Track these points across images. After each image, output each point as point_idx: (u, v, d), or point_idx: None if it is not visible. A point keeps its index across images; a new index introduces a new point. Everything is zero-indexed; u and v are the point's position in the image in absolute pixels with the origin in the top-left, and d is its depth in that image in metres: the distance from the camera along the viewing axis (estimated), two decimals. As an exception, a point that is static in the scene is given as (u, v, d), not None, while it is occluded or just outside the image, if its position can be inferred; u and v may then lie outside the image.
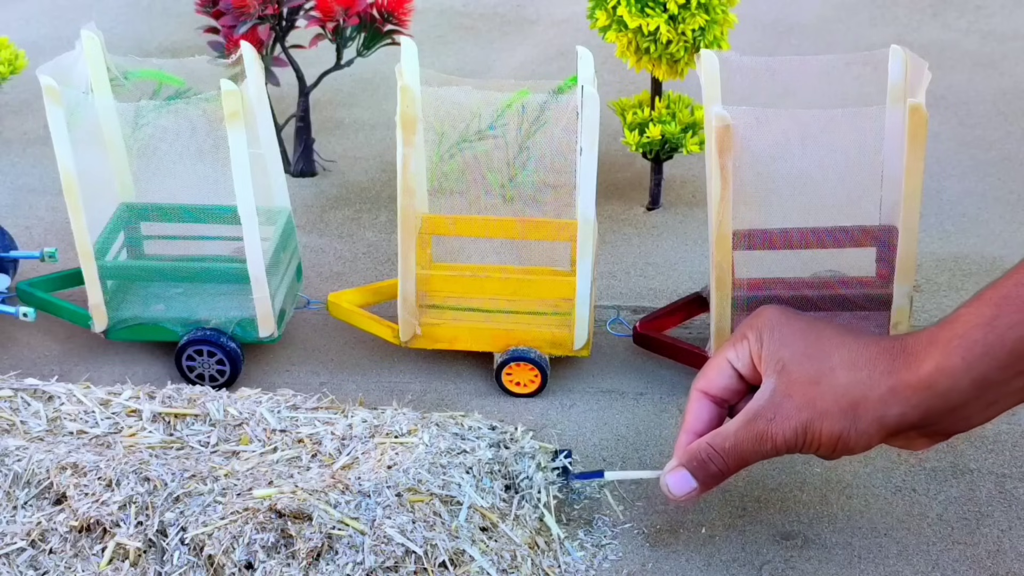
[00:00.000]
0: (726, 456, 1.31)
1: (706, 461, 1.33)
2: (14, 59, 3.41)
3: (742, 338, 1.33)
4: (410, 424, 2.15)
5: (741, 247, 2.36)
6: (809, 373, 1.25)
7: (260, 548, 1.83)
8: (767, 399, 1.27)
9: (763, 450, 1.30)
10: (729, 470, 1.34)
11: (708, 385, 1.37)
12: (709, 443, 1.34)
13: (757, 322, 1.31)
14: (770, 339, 1.29)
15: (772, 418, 1.26)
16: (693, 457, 1.35)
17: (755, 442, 1.29)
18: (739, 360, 1.32)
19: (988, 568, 2.08)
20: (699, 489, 1.37)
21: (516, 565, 1.90)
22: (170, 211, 2.55)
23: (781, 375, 1.26)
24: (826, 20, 4.41)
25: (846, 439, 1.25)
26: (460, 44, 4.30)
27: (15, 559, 1.87)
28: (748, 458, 1.33)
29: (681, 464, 1.36)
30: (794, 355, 1.26)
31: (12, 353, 2.60)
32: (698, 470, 1.34)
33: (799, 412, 1.24)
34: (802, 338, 1.29)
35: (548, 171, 2.46)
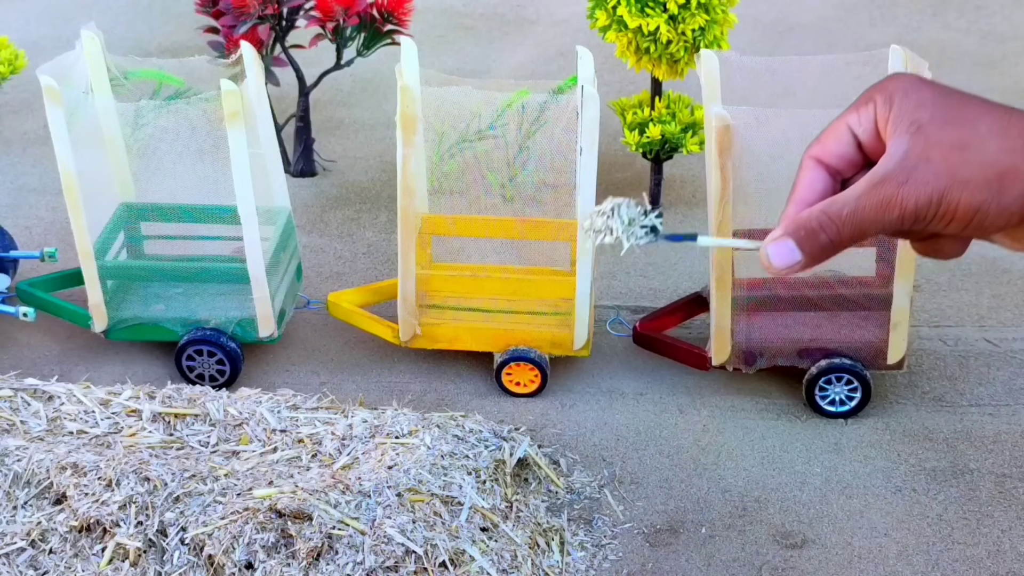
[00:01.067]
0: (842, 224, 1.13)
1: (816, 230, 1.14)
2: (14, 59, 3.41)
3: (867, 101, 1.16)
4: (411, 425, 2.15)
5: (741, 247, 2.36)
6: (952, 138, 1.12)
7: (260, 548, 1.83)
8: (898, 161, 1.12)
9: (887, 219, 1.11)
10: (842, 241, 1.14)
11: (823, 152, 1.20)
12: (823, 210, 1.16)
13: (887, 85, 1.15)
14: (903, 101, 1.13)
15: (904, 182, 1.10)
16: (801, 226, 1.16)
17: (879, 209, 1.11)
18: (861, 125, 1.16)
19: (988, 568, 2.08)
20: (803, 262, 1.16)
21: (516, 565, 1.90)
22: (170, 211, 2.55)
23: (917, 136, 1.11)
24: (826, 20, 4.41)
25: (984, 213, 1.10)
26: (460, 44, 4.30)
27: (15, 559, 1.87)
28: (867, 228, 1.14)
29: (787, 233, 1.17)
30: (934, 118, 1.12)
31: (12, 353, 2.60)
32: (806, 240, 1.15)
33: (937, 178, 1.10)
34: (943, 101, 1.14)
35: (548, 171, 2.46)
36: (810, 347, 2.42)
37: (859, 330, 2.43)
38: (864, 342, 2.41)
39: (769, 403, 2.47)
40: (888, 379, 2.52)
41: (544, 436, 2.35)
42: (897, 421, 2.42)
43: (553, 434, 2.36)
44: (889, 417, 2.43)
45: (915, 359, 2.58)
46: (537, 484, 2.16)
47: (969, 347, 2.64)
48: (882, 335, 2.39)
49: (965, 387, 2.52)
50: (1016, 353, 2.62)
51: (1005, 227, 1.16)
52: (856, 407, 2.41)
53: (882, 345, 2.39)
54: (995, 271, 2.92)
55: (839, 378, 2.39)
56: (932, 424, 2.41)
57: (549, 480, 2.18)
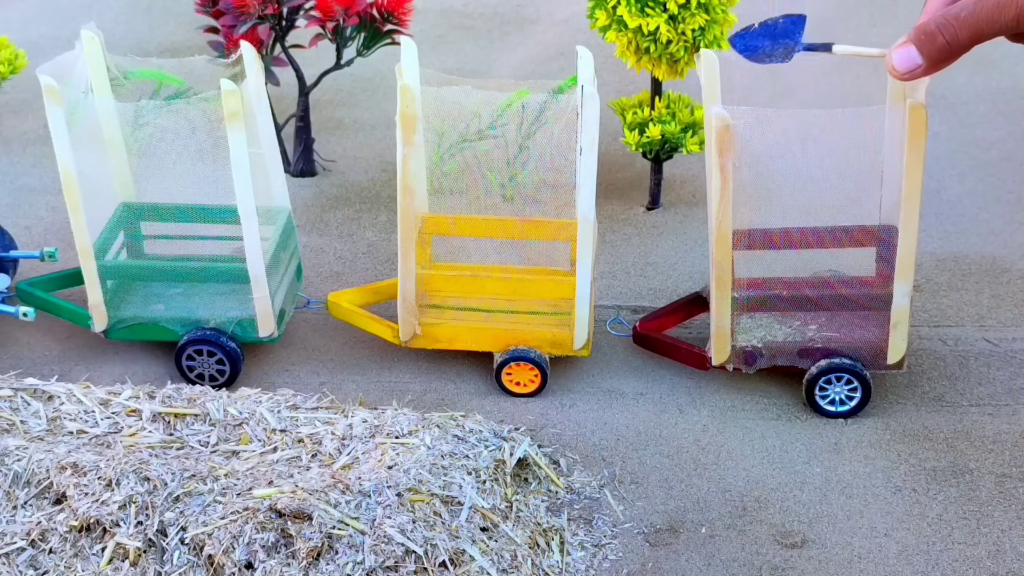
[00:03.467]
0: (959, 26, 1.14)
1: (935, 32, 1.16)
2: (14, 59, 3.41)
3: None
4: (411, 425, 2.15)
5: (741, 247, 2.36)
6: None
7: (260, 548, 1.83)
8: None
9: (1003, 19, 1.12)
10: (959, 43, 1.15)
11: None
12: (943, 14, 1.17)
13: None
14: None
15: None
16: (922, 30, 1.17)
17: (995, 9, 1.12)
18: None
19: (988, 568, 2.08)
20: (924, 66, 1.17)
21: (516, 565, 1.90)
22: (170, 211, 2.55)
23: None
24: (826, 20, 4.40)
25: None
26: (460, 44, 4.30)
27: (15, 559, 1.87)
28: (983, 28, 1.15)
29: (908, 39, 1.19)
30: None
31: (12, 353, 2.60)
32: (925, 43, 1.16)
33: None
34: None
35: (548, 171, 2.47)
36: (810, 347, 2.42)
37: (859, 330, 2.43)
38: (864, 342, 2.41)
39: (769, 403, 2.47)
40: (888, 379, 2.52)
41: (544, 436, 2.35)
42: (897, 421, 2.42)
43: (553, 434, 2.36)
44: (889, 417, 2.43)
45: (915, 359, 2.58)
46: (537, 484, 2.16)
47: (969, 347, 2.64)
48: (882, 335, 2.39)
49: (965, 387, 2.52)
50: (1016, 353, 2.62)
51: None
52: (856, 407, 2.41)
53: (882, 345, 2.39)
54: (995, 271, 2.92)
55: (839, 378, 2.39)
56: (932, 424, 2.41)
57: (549, 480, 2.18)
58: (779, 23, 1.29)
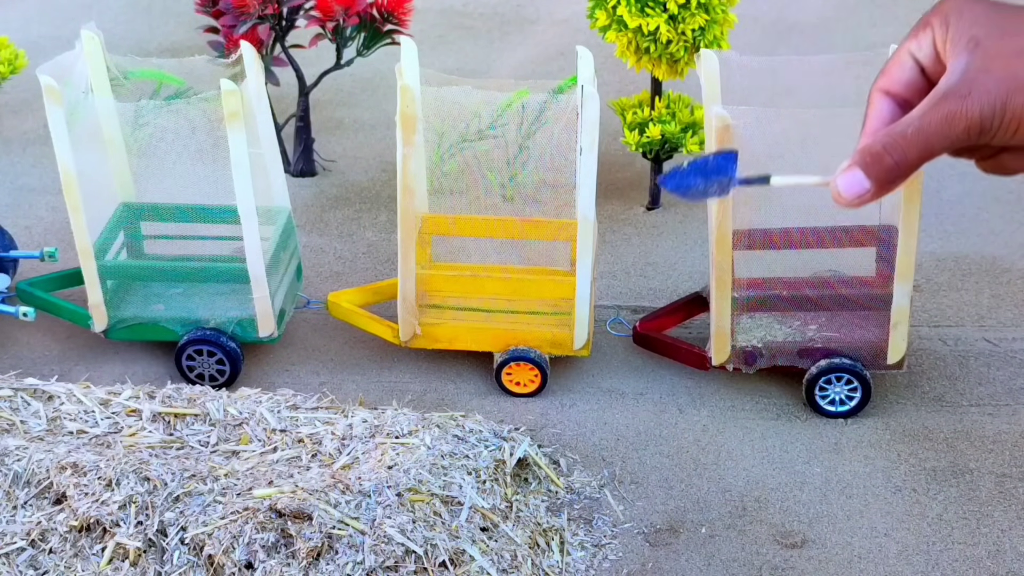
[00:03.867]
0: (907, 145, 1.10)
1: (882, 154, 1.11)
2: (14, 59, 3.41)
3: (925, 26, 1.15)
4: (411, 425, 2.15)
5: (741, 247, 2.36)
6: (1009, 46, 1.10)
7: (260, 548, 1.82)
8: (959, 76, 1.10)
9: (953, 133, 1.09)
10: (909, 162, 1.11)
11: (888, 82, 1.18)
12: (887, 133, 1.13)
13: (941, 7, 1.14)
14: (959, 20, 1.12)
15: (967, 94, 1.08)
16: (867, 152, 1.12)
17: (944, 123, 1.08)
18: (921, 51, 1.14)
19: (988, 568, 2.08)
20: (872, 190, 1.12)
21: (516, 565, 1.90)
22: (170, 211, 2.55)
23: (975, 51, 1.10)
24: (826, 20, 4.41)
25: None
26: (460, 44, 4.30)
27: (15, 559, 1.87)
28: (932, 145, 1.11)
29: (853, 163, 1.14)
30: (990, 31, 1.11)
31: (12, 353, 2.60)
32: (872, 166, 1.12)
33: (998, 86, 1.08)
34: (998, 15, 1.13)
35: (548, 171, 2.46)
36: (810, 347, 2.42)
37: (859, 330, 2.43)
38: (864, 342, 2.41)
39: (769, 403, 2.46)
40: (888, 379, 2.52)
41: (544, 436, 2.35)
42: (897, 421, 2.42)
43: (553, 434, 2.36)
44: (889, 417, 2.43)
45: (915, 359, 2.58)
46: (537, 484, 2.16)
47: (969, 347, 2.64)
48: (882, 335, 2.39)
49: (965, 387, 2.52)
50: (1016, 353, 2.62)
51: None
52: (856, 407, 2.41)
53: (882, 345, 2.39)
54: (995, 271, 2.92)
55: (839, 378, 2.39)
56: (932, 424, 2.41)
57: (549, 480, 2.18)
58: (710, 160, 1.26)
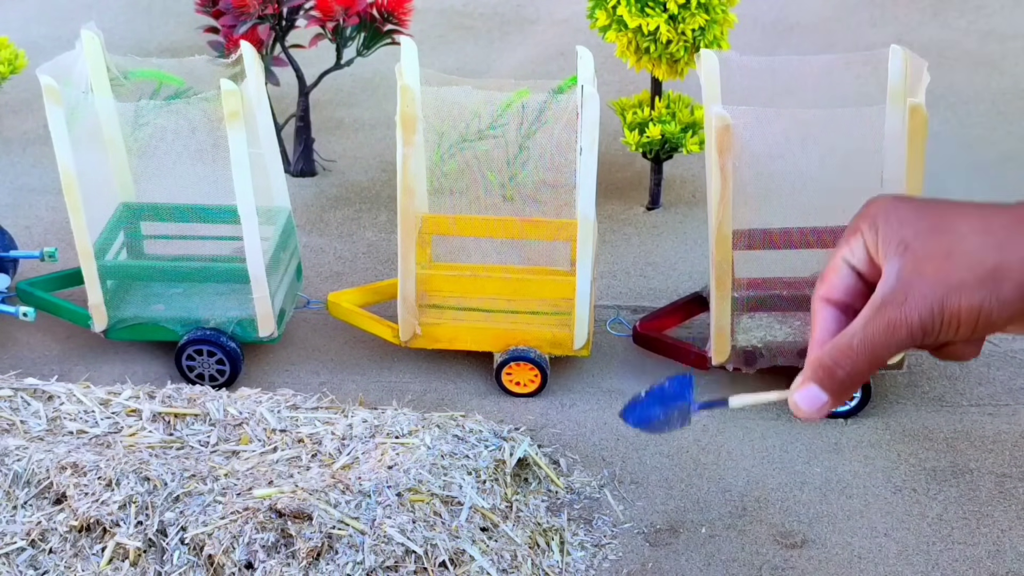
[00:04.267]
0: (855, 356, 1.15)
1: (833, 367, 1.17)
2: (14, 59, 3.41)
3: (854, 232, 1.19)
4: (411, 425, 2.15)
5: (741, 247, 2.36)
6: (937, 247, 1.13)
7: (260, 548, 1.82)
8: (894, 282, 1.14)
9: (897, 340, 1.13)
10: (860, 372, 1.16)
11: (828, 291, 1.22)
12: (834, 345, 1.19)
13: (868, 211, 1.18)
14: (886, 224, 1.16)
15: (903, 301, 1.12)
16: (819, 366, 1.18)
17: (887, 333, 1.13)
18: (855, 256, 1.18)
19: (988, 568, 2.08)
20: (831, 401, 1.19)
21: (516, 565, 1.90)
22: (170, 211, 2.55)
23: (906, 255, 1.13)
24: (826, 20, 4.40)
25: (988, 311, 1.12)
26: (460, 44, 4.30)
27: (15, 559, 1.87)
28: (880, 353, 1.16)
29: (808, 378, 1.20)
30: (917, 232, 1.14)
31: (12, 353, 2.60)
32: (825, 379, 1.18)
33: (933, 290, 1.11)
34: (923, 215, 1.16)
35: (548, 170, 2.46)
36: (810, 347, 2.42)
37: (859, 330, 2.43)
38: (864, 342, 2.41)
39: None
40: (888, 379, 2.52)
41: (544, 436, 2.35)
42: (897, 421, 2.42)
43: (553, 434, 2.36)
44: (889, 417, 2.43)
45: (915, 359, 2.58)
46: (537, 484, 2.16)
47: (969, 347, 2.63)
48: (882, 335, 2.38)
49: (965, 387, 2.52)
50: (1016, 353, 2.62)
51: (1011, 319, 1.18)
52: (856, 407, 2.41)
53: (882, 345, 2.39)
54: (995, 271, 2.92)
55: (839, 378, 2.39)
56: (932, 424, 2.41)
57: (549, 480, 2.18)
58: (665, 386, 1.29)
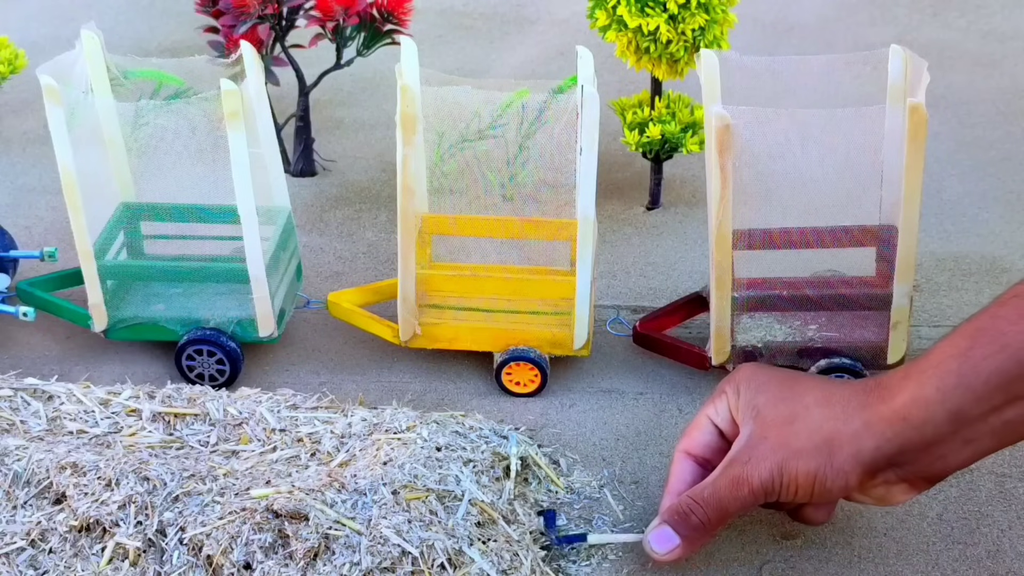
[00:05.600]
0: (705, 506, 1.28)
1: (687, 513, 1.30)
2: (14, 59, 3.41)
3: (720, 393, 1.33)
4: (409, 422, 2.15)
5: (741, 246, 2.36)
6: (783, 414, 1.24)
7: (258, 548, 1.82)
8: (743, 444, 1.26)
9: (740, 496, 1.27)
10: (711, 522, 1.30)
11: (689, 444, 1.37)
12: (689, 495, 1.31)
13: (735, 376, 1.32)
14: (747, 389, 1.28)
15: (747, 460, 1.24)
16: (675, 511, 1.32)
17: (732, 487, 1.26)
18: (718, 415, 1.32)
19: (988, 568, 2.08)
20: (683, 545, 1.32)
21: (516, 565, 1.90)
22: (170, 211, 2.55)
23: (756, 420, 1.25)
24: (826, 20, 4.40)
25: (823, 478, 1.22)
26: (460, 44, 4.30)
27: (15, 559, 1.87)
28: (727, 507, 1.30)
29: (663, 520, 1.33)
30: (768, 400, 1.25)
31: (12, 353, 2.60)
32: (679, 524, 1.31)
33: (774, 453, 1.22)
34: (777, 384, 1.28)
35: (548, 170, 2.46)
36: (810, 347, 2.42)
37: (859, 330, 2.43)
38: (864, 342, 2.41)
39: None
40: (888, 379, 2.51)
41: (544, 436, 2.35)
42: (897, 421, 2.41)
43: (553, 434, 2.36)
44: (889, 417, 2.43)
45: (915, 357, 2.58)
46: (537, 484, 2.16)
47: (969, 347, 2.63)
48: (882, 335, 2.39)
49: (965, 387, 2.51)
50: (1016, 353, 2.62)
51: (847, 488, 1.29)
52: (856, 407, 2.41)
53: (882, 345, 2.39)
54: (995, 271, 2.92)
55: (839, 377, 2.39)
56: (932, 424, 2.41)
57: (549, 480, 2.18)
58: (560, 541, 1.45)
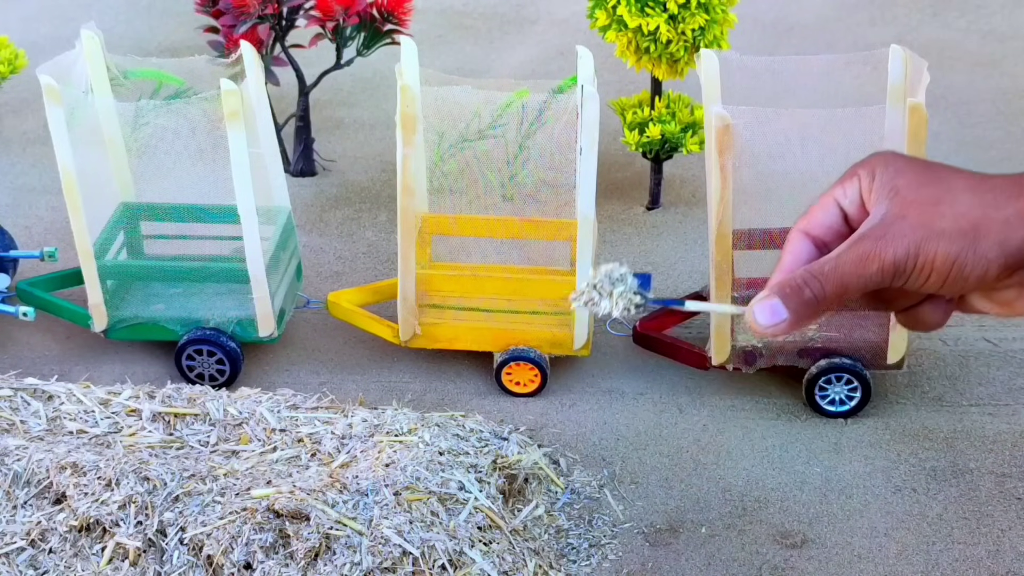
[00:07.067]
0: (824, 279, 1.18)
1: (801, 286, 1.18)
2: (14, 59, 3.40)
3: (852, 176, 1.23)
4: (410, 424, 2.15)
5: (741, 246, 2.36)
6: (926, 196, 1.17)
7: (259, 548, 1.82)
8: (878, 221, 1.17)
9: (866, 273, 1.16)
10: (825, 297, 1.19)
11: (809, 224, 1.25)
12: (807, 268, 1.21)
13: (869, 160, 1.22)
14: (884, 171, 1.19)
15: (882, 236, 1.15)
16: (787, 283, 1.20)
17: (859, 263, 1.16)
18: (847, 198, 1.21)
19: (988, 568, 2.08)
20: (789, 320, 1.20)
21: (516, 566, 1.90)
22: (170, 211, 2.55)
23: (895, 199, 1.17)
24: (826, 20, 4.40)
25: (962, 263, 1.15)
26: (460, 44, 4.30)
27: (15, 558, 1.87)
28: (848, 283, 1.19)
29: (772, 292, 1.21)
30: (910, 182, 1.18)
31: (12, 353, 2.60)
32: (790, 297, 1.19)
33: (913, 231, 1.14)
34: (920, 168, 1.20)
35: (548, 170, 2.46)
36: (810, 347, 2.42)
37: (859, 330, 2.43)
38: (864, 341, 2.41)
39: (769, 403, 2.46)
40: (888, 379, 2.52)
41: (544, 436, 2.35)
42: (897, 421, 2.42)
43: (553, 434, 2.36)
44: (889, 417, 2.43)
45: (915, 359, 2.58)
46: (537, 484, 2.16)
47: (969, 347, 2.64)
48: (882, 334, 2.39)
49: (965, 387, 2.52)
50: (1016, 353, 2.62)
51: (984, 278, 1.21)
52: (856, 407, 2.41)
53: (882, 344, 2.39)
54: (995, 271, 2.92)
55: (839, 378, 2.39)
56: (932, 424, 2.41)
57: (549, 480, 2.18)
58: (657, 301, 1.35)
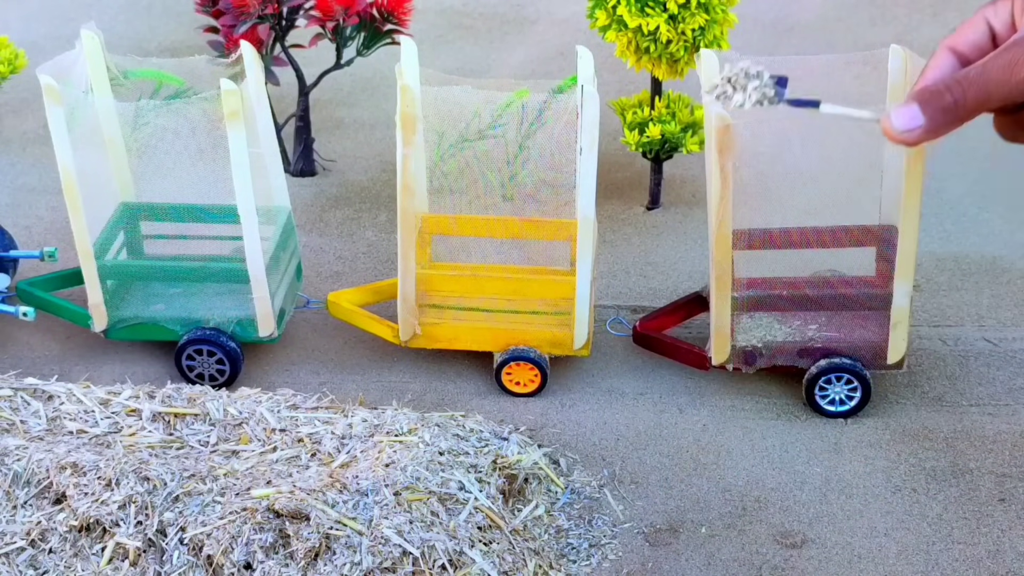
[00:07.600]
0: (968, 84, 1.13)
1: (942, 91, 1.13)
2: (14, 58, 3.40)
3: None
4: (410, 424, 2.15)
5: (741, 246, 2.36)
6: None
7: (259, 548, 1.82)
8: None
9: (1013, 80, 1.12)
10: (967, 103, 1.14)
11: (957, 41, 1.21)
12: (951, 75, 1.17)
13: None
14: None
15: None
16: (927, 89, 1.15)
17: (1006, 69, 1.12)
18: (997, 17, 1.18)
19: (988, 568, 2.08)
20: (925, 127, 1.14)
21: (516, 566, 1.90)
22: (170, 211, 2.55)
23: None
24: (826, 20, 4.40)
25: None
26: (460, 44, 4.30)
27: (15, 558, 1.87)
28: (991, 91, 1.14)
29: (911, 98, 1.16)
30: None
31: (12, 353, 2.60)
32: (929, 102, 1.14)
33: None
34: None
35: (548, 170, 2.46)
36: (810, 347, 2.42)
37: (859, 330, 2.43)
38: (864, 341, 2.41)
39: (769, 403, 2.46)
40: (888, 379, 2.52)
41: (544, 436, 2.35)
42: (897, 421, 2.42)
43: (553, 434, 2.36)
44: (889, 417, 2.43)
45: (915, 359, 2.58)
46: (537, 484, 2.16)
47: (969, 347, 2.64)
48: (882, 334, 2.39)
49: (965, 387, 2.52)
50: (1016, 353, 2.62)
51: None
52: (856, 407, 2.41)
53: (882, 344, 2.39)
54: (995, 271, 2.92)
55: (839, 378, 2.39)
56: (932, 424, 2.41)
57: (549, 480, 2.18)
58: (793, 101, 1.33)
